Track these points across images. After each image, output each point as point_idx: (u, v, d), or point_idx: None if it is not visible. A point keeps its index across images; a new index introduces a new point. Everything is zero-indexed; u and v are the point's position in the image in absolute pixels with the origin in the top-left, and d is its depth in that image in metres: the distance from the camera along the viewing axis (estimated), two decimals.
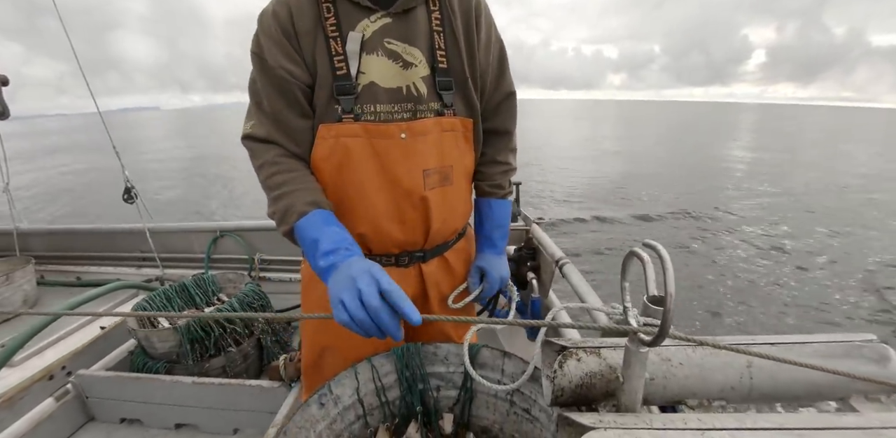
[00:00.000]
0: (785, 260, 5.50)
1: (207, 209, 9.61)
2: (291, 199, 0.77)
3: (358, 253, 0.72)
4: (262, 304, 1.70)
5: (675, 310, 0.46)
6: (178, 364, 1.50)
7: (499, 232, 1.04)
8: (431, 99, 0.84)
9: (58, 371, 1.55)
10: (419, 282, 0.98)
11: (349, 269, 0.66)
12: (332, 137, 0.81)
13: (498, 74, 0.93)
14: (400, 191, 0.85)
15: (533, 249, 1.42)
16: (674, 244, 6.12)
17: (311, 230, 0.74)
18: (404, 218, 0.87)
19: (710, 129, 32.89)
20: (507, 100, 0.97)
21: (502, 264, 1.04)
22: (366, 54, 0.79)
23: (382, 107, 0.81)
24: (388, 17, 0.80)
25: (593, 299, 0.95)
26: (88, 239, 2.66)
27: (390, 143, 0.82)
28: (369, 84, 0.80)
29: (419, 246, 0.93)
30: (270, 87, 0.81)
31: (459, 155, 0.91)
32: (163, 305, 1.76)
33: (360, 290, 0.62)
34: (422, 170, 0.85)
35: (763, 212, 7.99)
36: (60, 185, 13.73)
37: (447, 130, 0.87)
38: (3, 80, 2.16)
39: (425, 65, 0.83)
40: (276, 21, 0.78)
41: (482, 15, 0.87)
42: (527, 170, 12.63)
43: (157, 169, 16.37)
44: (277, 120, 0.82)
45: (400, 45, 0.81)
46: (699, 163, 14.05)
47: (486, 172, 1.01)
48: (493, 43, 0.91)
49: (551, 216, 8.30)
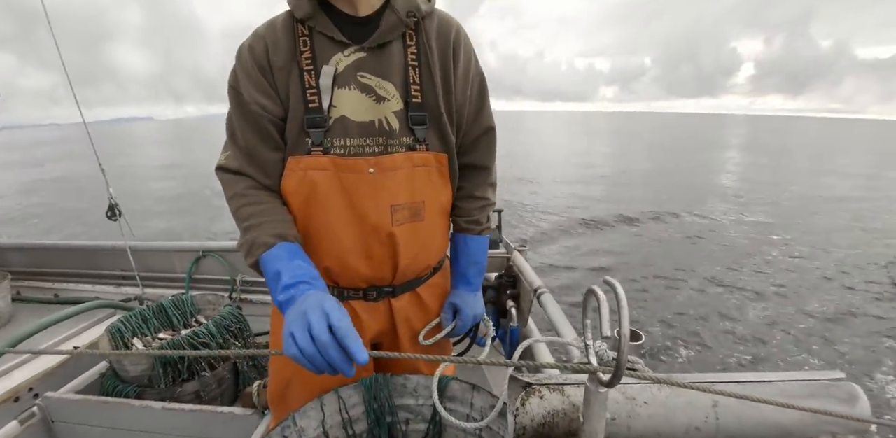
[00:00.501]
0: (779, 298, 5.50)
1: (194, 223, 9.56)
2: (258, 232, 0.77)
3: (318, 287, 0.71)
4: (239, 328, 1.68)
5: (646, 346, 0.46)
6: (150, 388, 1.46)
7: (474, 269, 1.02)
8: (403, 133, 0.84)
9: (24, 392, 1.50)
10: (388, 317, 0.96)
11: (304, 303, 0.65)
12: (300, 170, 0.81)
13: (477, 108, 0.92)
14: (367, 227, 0.84)
15: (513, 277, 1.42)
16: (654, 274, 6.10)
17: (274, 263, 0.73)
18: (371, 253, 0.86)
19: (701, 144, 33.70)
20: (485, 135, 0.96)
21: (476, 301, 1.03)
22: (338, 88, 0.80)
23: (353, 141, 0.81)
24: (362, 52, 0.80)
25: (568, 331, 0.95)
26: (68, 255, 2.63)
27: (358, 178, 0.81)
28: (340, 117, 0.81)
29: (388, 282, 0.92)
30: (244, 121, 0.82)
31: (433, 190, 0.90)
32: (139, 326, 1.73)
33: (309, 324, 0.61)
34: (389, 206, 0.84)
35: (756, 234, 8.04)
36: (45, 198, 13.61)
37: (419, 165, 0.86)
38: None
39: (399, 99, 0.83)
40: (252, 56, 0.80)
41: (461, 49, 0.86)
42: (518, 187, 12.80)
43: (142, 176, 16.41)
44: (250, 153, 0.83)
45: (374, 79, 0.81)
46: (688, 183, 14.20)
47: (463, 207, 0.99)
48: (473, 77, 0.90)
49: (539, 230, 8.38)
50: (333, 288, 0.92)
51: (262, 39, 0.80)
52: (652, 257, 6.70)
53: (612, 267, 6.27)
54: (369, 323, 0.94)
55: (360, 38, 0.80)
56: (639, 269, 6.17)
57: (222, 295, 2.01)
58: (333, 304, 0.64)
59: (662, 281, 5.68)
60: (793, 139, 41.55)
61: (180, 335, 1.62)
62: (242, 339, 1.68)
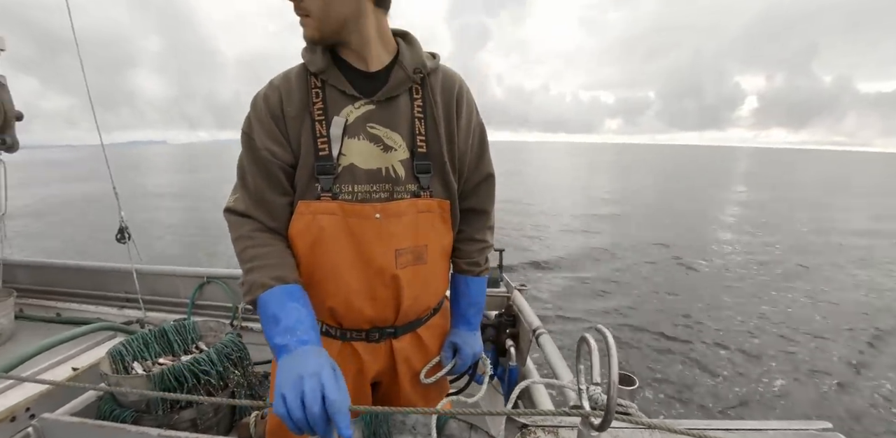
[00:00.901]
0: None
1: (201, 246, 9.64)
2: (260, 273, 0.80)
3: (314, 340, 0.73)
4: (239, 356, 1.69)
5: (637, 393, 0.49)
6: (147, 413, 1.46)
7: (473, 309, 1.06)
8: (409, 181, 0.89)
9: (21, 412, 1.51)
10: (389, 358, 0.99)
11: (300, 364, 0.67)
12: (309, 213, 0.85)
13: (478, 156, 0.98)
14: (372, 269, 0.87)
15: (513, 316, 1.45)
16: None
17: (271, 304, 0.76)
18: (375, 295, 0.90)
19: (711, 176, 33.35)
20: (485, 182, 1.01)
21: (475, 340, 1.06)
22: (348, 138, 0.85)
23: (360, 188, 0.86)
24: (371, 105, 0.86)
25: (565, 373, 0.97)
26: (73, 275, 2.66)
27: (365, 223, 0.85)
28: (349, 165, 0.86)
29: (390, 323, 0.95)
30: (254, 166, 0.86)
31: (436, 235, 0.94)
32: (140, 350, 1.74)
33: (303, 392, 0.63)
34: (394, 250, 0.88)
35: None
36: (56, 216, 13.79)
37: (423, 211, 0.90)
38: (18, 116, 2.28)
39: (405, 149, 0.88)
40: (267, 105, 0.85)
41: (463, 102, 0.93)
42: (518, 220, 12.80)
43: (152, 199, 16.61)
44: (258, 196, 0.86)
45: (382, 129, 0.87)
46: (692, 217, 13.96)
47: (463, 250, 1.04)
48: (474, 127, 0.96)
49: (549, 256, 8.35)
50: (336, 329, 0.95)
51: (276, 90, 0.86)
52: (656, 295, 6.67)
53: (615, 299, 6.25)
54: (370, 364, 0.97)
55: (370, 92, 0.86)
56: (645, 310, 6.13)
57: (224, 322, 2.03)
58: (330, 374, 0.66)
59: (664, 322, 5.63)
60: (804, 172, 41.32)
61: (180, 361, 1.63)
62: (242, 368, 1.69)
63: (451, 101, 0.91)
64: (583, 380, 0.57)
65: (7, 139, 2.27)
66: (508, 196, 16.87)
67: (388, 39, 0.88)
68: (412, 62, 0.87)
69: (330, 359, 0.70)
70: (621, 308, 6.19)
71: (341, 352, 0.95)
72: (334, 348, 0.94)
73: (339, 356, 0.95)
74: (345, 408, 0.63)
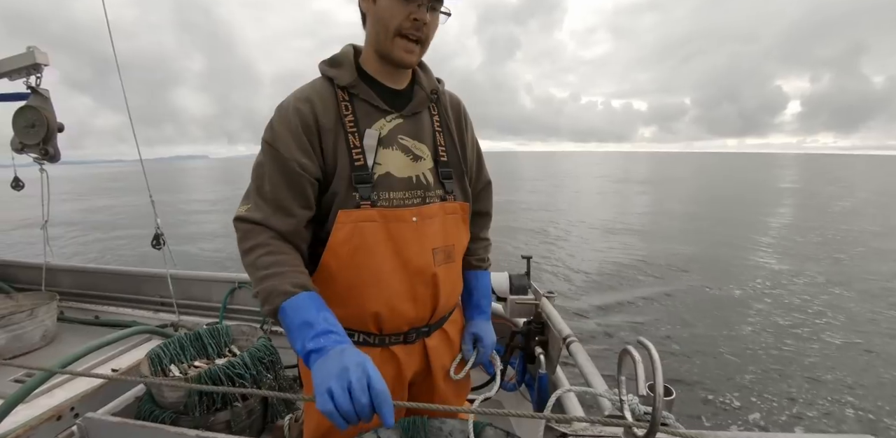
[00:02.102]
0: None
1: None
2: (278, 280, 0.78)
3: (348, 341, 0.74)
4: (271, 360, 1.73)
5: (675, 404, 0.50)
6: (184, 415, 1.51)
7: (486, 300, 1.17)
8: (437, 187, 0.98)
9: (66, 411, 1.57)
10: (423, 357, 1.04)
11: (342, 358, 0.67)
12: (350, 222, 0.87)
13: (478, 166, 1.13)
14: (413, 270, 0.92)
15: (542, 324, 1.45)
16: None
17: (301, 311, 0.75)
18: (416, 295, 0.95)
19: (757, 186, 28.85)
20: (486, 188, 1.17)
21: (491, 329, 1.16)
22: (382, 148, 0.90)
23: (396, 194, 0.91)
24: (400, 118, 0.94)
25: (598, 382, 0.97)
26: (111, 279, 2.77)
27: (403, 226, 0.91)
28: (385, 174, 0.91)
29: (426, 322, 1.00)
30: (279, 176, 0.86)
31: (459, 234, 1.03)
32: (176, 353, 1.80)
33: (350, 383, 0.63)
34: (431, 249, 0.95)
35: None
36: (100, 225, 14.38)
37: (449, 213, 0.99)
38: (60, 127, 2.40)
39: (430, 158, 0.97)
40: (299, 116, 0.86)
41: (468, 120, 1.08)
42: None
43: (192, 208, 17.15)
44: (278, 206, 0.86)
45: (410, 141, 0.95)
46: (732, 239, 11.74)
47: (472, 248, 1.15)
48: (474, 141, 1.11)
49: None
50: (375, 337, 0.97)
51: (308, 102, 0.87)
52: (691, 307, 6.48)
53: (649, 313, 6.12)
54: (408, 365, 1.01)
55: (398, 107, 0.95)
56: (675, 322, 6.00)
57: (255, 326, 2.09)
58: (373, 366, 0.68)
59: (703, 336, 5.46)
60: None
61: (215, 364, 1.68)
62: (274, 372, 1.73)
63: (459, 118, 1.06)
64: (623, 391, 0.58)
65: (50, 149, 2.38)
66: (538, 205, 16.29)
67: None
68: (428, 84, 0.99)
69: (368, 356, 0.71)
70: (648, 322, 6.07)
71: (381, 358, 0.98)
72: (374, 355, 0.95)
73: (380, 362, 0.97)
74: (390, 398, 0.65)
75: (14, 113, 2.35)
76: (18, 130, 2.35)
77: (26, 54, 2.24)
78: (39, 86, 2.33)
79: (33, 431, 1.45)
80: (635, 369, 0.51)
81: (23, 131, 2.34)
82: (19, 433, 1.42)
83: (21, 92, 2.36)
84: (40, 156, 2.37)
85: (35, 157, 2.38)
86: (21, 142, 2.36)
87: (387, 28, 0.85)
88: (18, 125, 2.34)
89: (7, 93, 2.45)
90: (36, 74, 2.30)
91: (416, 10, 0.83)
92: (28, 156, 2.40)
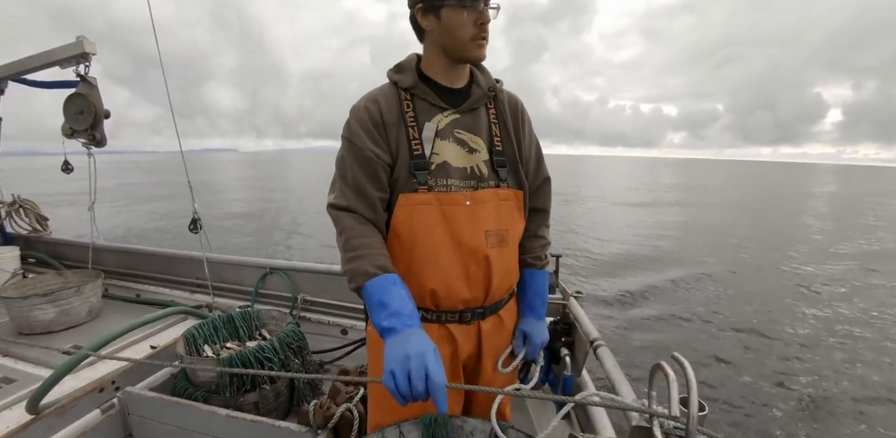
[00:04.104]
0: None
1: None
2: (363, 261, 0.89)
3: (417, 324, 0.82)
4: (299, 346, 1.78)
5: (707, 420, 0.48)
6: (215, 394, 1.58)
7: (539, 299, 1.17)
8: (490, 177, 1.03)
9: (108, 385, 1.66)
10: (476, 340, 1.09)
11: (407, 344, 0.76)
12: (409, 205, 0.97)
13: (536, 163, 1.15)
14: (466, 251, 0.98)
15: (569, 325, 1.44)
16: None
17: (378, 292, 0.85)
18: (469, 275, 1.00)
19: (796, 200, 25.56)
20: (544, 184, 1.19)
21: (542, 329, 1.17)
22: (439, 140, 1.00)
23: (452, 182, 0.99)
24: (457, 114, 1.03)
25: (626, 390, 0.95)
26: (152, 260, 2.89)
27: (458, 209, 0.98)
28: (443, 163, 0.99)
29: (480, 303, 1.05)
30: (357, 164, 0.98)
31: (512, 221, 1.06)
32: (210, 334, 1.88)
33: (410, 371, 0.72)
34: (484, 231, 1.00)
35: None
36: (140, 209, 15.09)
37: (503, 200, 1.04)
38: (107, 114, 2.49)
39: (485, 151, 1.04)
40: (369, 114, 0.99)
41: (525, 117, 1.13)
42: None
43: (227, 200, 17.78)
44: (358, 190, 0.98)
45: (467, 134, 1.03)
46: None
47: (527, 246, 1.17)
48: (533, 138, 1.15)
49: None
50: (433, 313, 1.03)
51: (375, 102, 1.00)
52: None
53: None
54: (463, 345, 1.06)
55: (455, 104, 1.03)
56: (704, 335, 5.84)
57: (284, 311, 2.14)
58: (432, 356, 0.74)
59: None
60: None
61: (246, 347, 1.74)
62: (301, 357, 1.78)
63: (517, 114, 1.11)
64: (654, 405, 0.57)
65: (97, 134, 2.48)
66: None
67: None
68: (486, 83, 1.06)
69: (431, 342, 0.78)
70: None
71: (439, 335, 1.04)
72: (432, 332, 1.03)
73: (437, 339, 1.03)
74: (444, 389, 0.72)
75: (65, 100, 2.46)
76: (69, 116, 2.46)
77: (75, 44, 2.33)
78: (87, 74, 2.43)
79: (77, 401, 1.55)
80: (668, 388, 0.50)
81: (72, 117, 2.44)
82: (65, 402, 1.51)
83: (71, 79, 2.47)
84: (88, 141, 2.47)
85: (83, 142, 2.49)
86: (71, 128, 2.47)
87: (462, 38, 0.95)
88: (69, 111, 2.45)
89: (59, 80, 2.56)
90: (84, 63, 2.39)
91: (480, 16, 0.94)
92: (77, 140, 2.51)
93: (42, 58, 2.47)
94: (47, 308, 2.12)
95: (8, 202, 3.35)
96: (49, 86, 2.65)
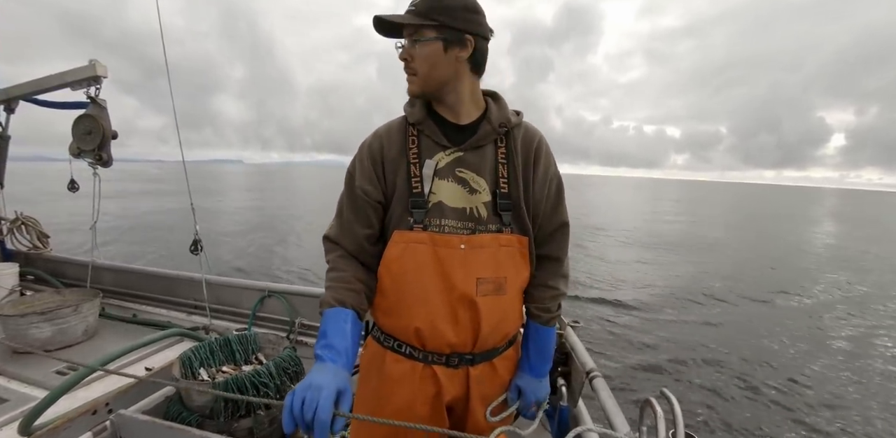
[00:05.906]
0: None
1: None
2: (329, 292, 0.95)
3: (342, 362, 0.85)
4: (295, 371, 1.77)
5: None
6: (209, 419, 1.56)
7: (540, 357, 1.10)
8: (490, 220, 0.98)
9: (101, 407, 1.64)
10: (464, 385, 1.04)
11: (319, 375, 0.79)
12: (403, 242, 0.97)
13: (554, 205, 1.06)
14: (455, 294, 0.96)
15: (565, 354, 1.44)
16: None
17: (327, 322, 0.91)
18: (457, 319, 0.97)
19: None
20: (560, 230, 1.07)
21: (540, 386, 1.10)
22: (438, 179, 0.98)
23: (447, 222, 0.97)
24: (461, 152, 0.99)
25: (620, 422, 0.96)
26: (150, 280, 2.90)
27: (451, 252, 0.95)
28: (438, 202, 0.97)
29: (468, 350, 1.01)
30: (348, 200, 1.02)
31: (515, 268, 1.01)
32: (206, 357, 1.87)
33: (304, 400, 0.74)
34: (476, 278, 0.96)
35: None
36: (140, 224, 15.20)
37: (504, 245, 0.99)
38: (114, 135, 2.56)
39: (488, 192, 0.99)
40: (370, 151, 1.01)
41: (541, 155, 1.03)
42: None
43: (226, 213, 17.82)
44: (346, 226, 1.02)
45: (469, 173, 0.99)
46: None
47: (536, 295, 1.08)
48: (551, 178, 1.05)
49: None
50: (420, 352, 1.01)
51: (379, 138, 1.02)
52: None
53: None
54: (448, 388, 1.02)
55: (459, 141, 0.99)
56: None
57: (281, 335, 2.14)
58: (329, 395, 0.75)
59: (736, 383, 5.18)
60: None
61: (242, 371, 1.74)
62: (297, 382, 1.77)
63: (530, 153, 1.02)
64: None
65: (104, 155, 2.54)
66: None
67: (479, 99, 1.03)
68: (498, 118, 1.00)
69: (345, 382, 0.81)
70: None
71: (423, 375, 1.01)
72: (417, 370, 1.01)
73: (421, 378, 1.01)
74: (326, 427, 0.73)
75: (74, 120, 2.52)
76: (77, 136, 2.52)
77: (88, 67, 2.42)
78: (98, 96, 2.50)
79: (70, 423, 1.53)
80: (656, 426, 0.52)
81: (81, 137, 2.50)
82: (58, 424, 1.50)
83: (81, 101, 2.54)
84: (94, 161, 2.52)
85: (90, 162, 2.54)
86: (78, 148, 2.52)
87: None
88: (77, 131, 2.51)
89: (69, 101, 2.64)
90: (95, 85, 2.48)
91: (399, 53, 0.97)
92: (83, 160, 2.56)
93: (55, 79, 2.55)
94: (44, 326, 2.12)
95: (10, 219, 3.38)
96: (59, 107, 2.72)
